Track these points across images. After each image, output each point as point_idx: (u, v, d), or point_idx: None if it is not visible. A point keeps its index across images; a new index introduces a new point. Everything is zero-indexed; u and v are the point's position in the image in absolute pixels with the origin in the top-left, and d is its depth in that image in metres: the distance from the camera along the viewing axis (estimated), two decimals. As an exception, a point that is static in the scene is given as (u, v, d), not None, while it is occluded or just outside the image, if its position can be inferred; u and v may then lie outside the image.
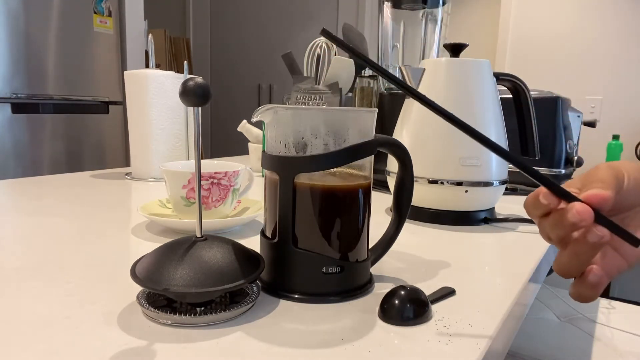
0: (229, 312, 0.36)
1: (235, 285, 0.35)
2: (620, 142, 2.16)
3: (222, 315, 0.36)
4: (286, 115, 0.40)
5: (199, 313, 0.35)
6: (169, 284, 0.34)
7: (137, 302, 0.37)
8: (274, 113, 0.40)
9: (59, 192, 0.82)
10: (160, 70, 0.97)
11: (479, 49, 2.97)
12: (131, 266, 0.37)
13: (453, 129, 0.35)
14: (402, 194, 0.46)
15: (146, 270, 0.36)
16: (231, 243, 0.39)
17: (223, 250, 0.37)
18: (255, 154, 1.13)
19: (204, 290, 0.34)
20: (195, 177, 0.58)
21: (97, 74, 2.01)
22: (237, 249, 0.38)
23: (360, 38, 0.95)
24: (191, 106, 0.35)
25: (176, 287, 0.34)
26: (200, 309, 0.36)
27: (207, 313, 0.35)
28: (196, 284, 0.34)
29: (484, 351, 0.33)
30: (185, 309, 0.36)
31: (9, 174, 1.71)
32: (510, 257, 0.55)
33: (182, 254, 0.36)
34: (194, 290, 0.34)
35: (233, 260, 0.37)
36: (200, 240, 0.38)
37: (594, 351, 0.90)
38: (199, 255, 0.36)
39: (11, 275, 0.43)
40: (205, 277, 0.35)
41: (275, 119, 0.40)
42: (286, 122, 0.40)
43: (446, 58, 0.70)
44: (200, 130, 0.37)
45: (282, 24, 3.25)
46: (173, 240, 0.38)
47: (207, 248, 0.37)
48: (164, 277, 0.34)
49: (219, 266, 0.36)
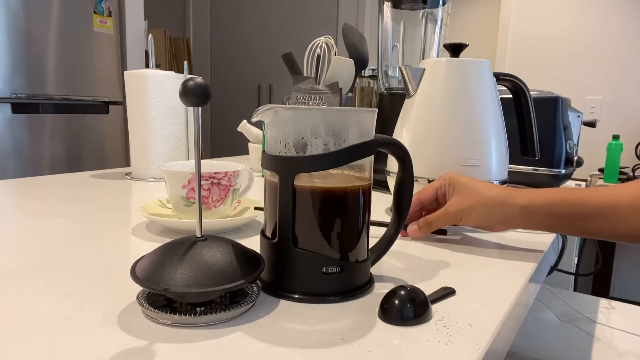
0: (229, 312, 0.36)
1: (235, 285, 0.35)
2: (620, 142, 2.16)
3: (222, 315, 0.36)
4: (286, 115, 0.40)
5: (199, 313, 0.35)
6: (169, 284, 0.34)
7: (137, 302, 0.37)
8: (274, 113, 0.40)
9: (59, 192, 0.82)
10: (160, 70, 0.97)
11: (479, 49, 2.97)
12: (131, 266, 0.37)
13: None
14: (402, 194, 0.46)
15: (146, 270, 0.36)
16: (231, 243, 0.39)
17: (223, 250, 0.37)
18: (255, 154, 1.13)
19: (204, 290, 0.34)
20: (195, 177, 0.58)
21: (97, 74, 2.01)
22: (237, 249, 0.38)
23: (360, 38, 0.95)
24: (191, 106, 0.35)
25: (176, 287, 0.34)
26: (200, 309, 0.36)
27: (207, 313, 0.35)
28: (196, 284, 0.34)
29: (484, 351, 0.33)
30: (185, 309, 0.36)
31: (9, 174, 1.71)
32: (510, 257, 0.55)
33: (182, 253, 0.36)
34: (194, 291, 0.34)
35: (233, 260, 0.37)
36: (200, 240, 0.38)
37: (594, 351, 0.90)
38: (199, 255, 0.36)
39: (11, 275, 0.43)
40: (205, 277, 0.35)
41: (275, 119, 0.40)
42: (286, 122, 0.40)
43: (446, 58, 0.70)
44: (200, 130, 0.37)
45: (282, 24, 3.25)
46: (173, 240, 0.38)
47: (207, 248, 0.37)
48: (163, 277, 0.34)
49: (219, 266, 0.36)
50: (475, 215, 0.55)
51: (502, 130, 0.70)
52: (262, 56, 3.34)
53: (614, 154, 2.17)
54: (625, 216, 0.50)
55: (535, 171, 1.01)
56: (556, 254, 0.68)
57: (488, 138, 0.67)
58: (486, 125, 0.67)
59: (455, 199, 0.56)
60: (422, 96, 0.70)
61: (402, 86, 0.94)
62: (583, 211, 0.52)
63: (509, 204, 0.54)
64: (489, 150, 0.67)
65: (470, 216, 0.55)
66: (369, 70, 1.13)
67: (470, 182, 0.57)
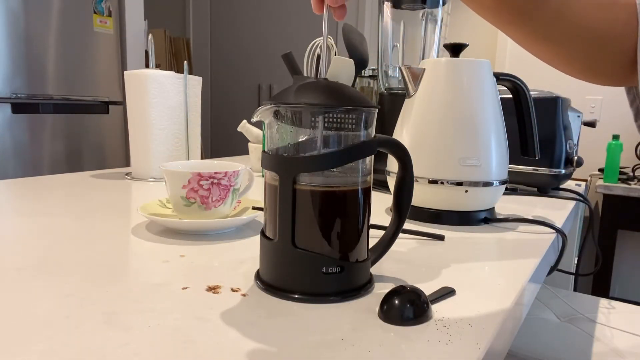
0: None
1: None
2: (620, 142, 2.16)
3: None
4: (286, 115, 0.40)
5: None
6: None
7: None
8: (274, 113, 0.40)
9: (59, 192, 0.82)
10: (160, 70, 0.97)
11: (479, 49, 2.97)
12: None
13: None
14: (402, 194, 0.46)
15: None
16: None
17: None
18: (255, 154, 1.13)
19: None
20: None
21: (97, 74, 2.01)
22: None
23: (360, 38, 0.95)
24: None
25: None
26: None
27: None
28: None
29: (484, 351, 0.33)
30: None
31: (9, 174, 1.71)
32: (510, 257, 0.55)
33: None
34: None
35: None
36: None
37: (594, 351, 0.90)
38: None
39: (11, 275, 0.43)
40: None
41: (275, 118, 0.40)
42: (286, 121, 0.40)
43: (446, 58, 0.70)
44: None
45: (282, 24, 3.25)
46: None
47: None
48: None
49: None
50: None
51: (502, 130, 0.70)
52: (262, 56, 3.33)
53: (614, 154, 2.17)
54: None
55: (535, 171, 1.01)
56: (556, 254, 0.68)
57: (488, 138, 0.67)
58: (486, 125, 0.67)
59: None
60: (422, 96, 0.70)
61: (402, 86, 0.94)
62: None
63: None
64: (489, 150, 0.67)
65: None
66: (369, 70, 1.13)
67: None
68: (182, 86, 1.00)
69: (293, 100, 0.38)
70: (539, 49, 0.46)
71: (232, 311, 0.37)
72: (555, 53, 0.45)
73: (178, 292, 0.41)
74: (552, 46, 0.45)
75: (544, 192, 1.02)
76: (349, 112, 0.39)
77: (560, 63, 0.47)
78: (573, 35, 0.43)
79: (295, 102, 0.38)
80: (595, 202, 2.47)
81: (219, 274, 0.46)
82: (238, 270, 0.47)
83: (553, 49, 0.45)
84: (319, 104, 0.38)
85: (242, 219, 0.60)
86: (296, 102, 0.38)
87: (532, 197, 0.96)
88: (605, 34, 0.43)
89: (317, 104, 0.38)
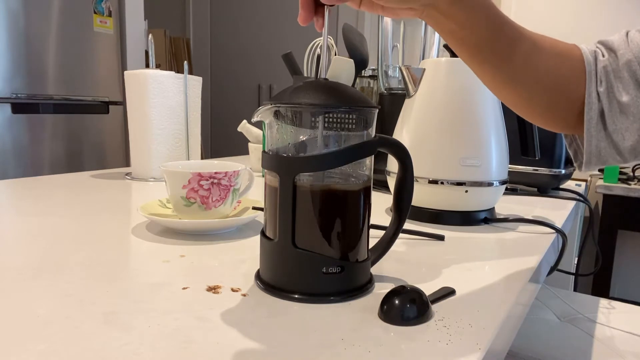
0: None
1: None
2: (620, 142, 2.16)
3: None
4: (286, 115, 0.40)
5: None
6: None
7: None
8: (275, 113, 0.40)
9: (59, 192, 0.82)
10: (160, 70, 0.97)
11: (479, 49, 2.97)
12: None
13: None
14: (402, 194, 0.46)
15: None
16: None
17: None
18: (255, 154, 1.13)
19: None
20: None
21: (97, 74, 2.01)
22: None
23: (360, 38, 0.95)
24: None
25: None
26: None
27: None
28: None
29: (484, 351, 0.33)
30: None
31: (9, 174, 1.71)
32: (510, 257, 0.55)
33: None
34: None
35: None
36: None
37: (594, 351, 0.90)
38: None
39: (11, 275, 0.43)
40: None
41: (275, 119, 0.40)
42: (286, 121, 0.40)
43: (446, 58, 0.70)
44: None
45: (282, 24, 3.25)
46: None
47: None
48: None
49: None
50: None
51: (502, 130, 0.70)
52: (262, 56, 3.33)
53: (614, 154, 2.17)
54: (545, 53, 0.45)
55: (535, 171, 1.01)
56: (556, 254, 0.68)
57: (488, 138, 0.67)
58: (486, 125, 0.67)
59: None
60: (422, 96, 0.70)
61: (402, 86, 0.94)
62: (512, 34, 0.44)
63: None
64: (489, 150, 0.67)
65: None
66: (369, 70, 1.13)
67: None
68: (182, 86, 1.00)
69: (293, 101, 0.38)
70: (506, 92, 0.48)
71: (232, 311, 0.37)
72: (519, 96, 0.47)
73: (178, 292, 0.41)
74: (518, 90, 0.47)
75: (544, 192, 1.02)
76: (349, 112, 0.39)
77: (523, 107, 0.49)
78: (537, 81, 0.46)
79: (295, 102, 0.38)
80: (595, 202, 2.48)
81: (219, 274, 0.46)
82: (238, 270, 0.47)
83: (518, 92, 0.47)
84: (319, 104, 0.38)
85: (242, 219, 0.60)
86: (296, 102, 0.38)
87: (532, 197, 0.96)
88: (563, 82, 0.46)
89: (317, 104, 0.38)
